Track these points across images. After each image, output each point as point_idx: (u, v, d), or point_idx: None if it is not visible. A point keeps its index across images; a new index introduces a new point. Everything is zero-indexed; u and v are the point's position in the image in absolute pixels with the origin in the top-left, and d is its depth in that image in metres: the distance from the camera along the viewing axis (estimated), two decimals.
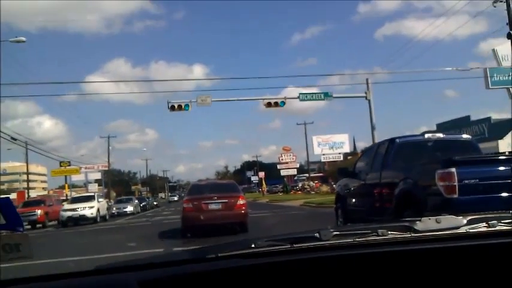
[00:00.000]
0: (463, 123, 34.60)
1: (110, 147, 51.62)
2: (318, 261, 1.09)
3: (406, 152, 7.10)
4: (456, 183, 5.22)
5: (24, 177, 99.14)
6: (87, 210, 21.55)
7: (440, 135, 7.93)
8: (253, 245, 1.16)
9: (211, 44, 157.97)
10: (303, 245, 1.14)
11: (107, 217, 24.54)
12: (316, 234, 1.16)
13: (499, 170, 5.44)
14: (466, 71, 21.14)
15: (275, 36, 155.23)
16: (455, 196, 5.22)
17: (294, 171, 54.17)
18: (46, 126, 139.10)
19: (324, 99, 22.39)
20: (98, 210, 22.39)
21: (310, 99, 22.32)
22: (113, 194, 57.04)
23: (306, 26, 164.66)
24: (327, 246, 1.13)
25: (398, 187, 6.26)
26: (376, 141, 17.31)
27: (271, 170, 70.57)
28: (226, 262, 1.11)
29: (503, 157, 6.08)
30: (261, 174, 70.64)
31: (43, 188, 75.99)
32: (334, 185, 27.32)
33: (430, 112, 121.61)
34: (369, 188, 7.43)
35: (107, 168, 53.76)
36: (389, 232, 1.17)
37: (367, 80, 22.62)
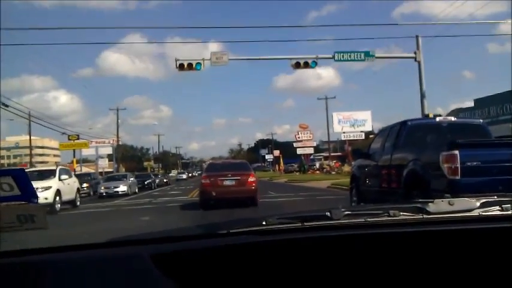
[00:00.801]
0: (504, 99, 28.05)
1: (120, 121, 48.35)
2: (328, 240, 1.09)
3: (417, 135, 7.42)
4: (459, 165, 5.55)
5: (37, 150, 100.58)
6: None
7: (452, 118, 8.28)
8: (264, 222, 1.17)
9: (227, 19, 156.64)
10: (313, 223, 1.14)
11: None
12: (327, 213, 1.17)
13: (502, 153, 5.75)
14: None
15: (296, 10, 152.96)
16: (458, 178, 5.57)
17: (311, 150, 52.07)
18: (62, 101, 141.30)
19: (364, 60, 18.30)
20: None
21: (348, 60, 18.46)
22: (122, 169, 54.79)
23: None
24: (337, 225, 1.13)
25: (407, 168, 6.63)
26: (426, 111, 16.64)
27: (285, 149, 69.41)
28: (237, 238, 1.12)
29: (507, 141, 6.48)
30: (276, 152, 69.74)
31: (56, 162, 76.16)
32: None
33: (472, 85, 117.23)
34: (381, 168, 7.79)
35: (117, 143, 51.63)
36: (401, 213, 1.16)
37: (416, 37, 18.57)
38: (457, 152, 5.60)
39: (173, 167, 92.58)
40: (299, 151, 50.36)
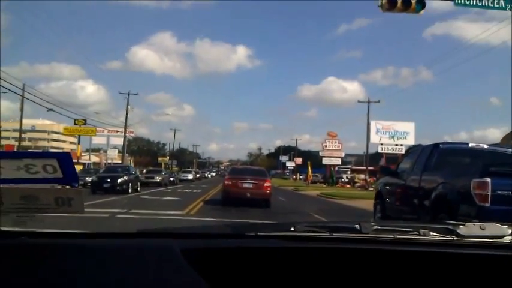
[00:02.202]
0: None
1: (130, 106, 42.24)
2: (355, 253, 1.09)
3: (448, 158, 7.61)
4: (489, 193, 5.72)
5: (53, 136, 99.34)
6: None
7: (484, 146, 8.34)
8: (292, 228, 1.18)
9: (256, 25, 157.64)
10: (342, 234, 1.15)
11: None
12: (357, 226, 1.16)
13: None
14: None
15: (322, 24, 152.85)
16: (487, 205, 5.72)
17: (338, 161, 48.22)
18: (89, 90, 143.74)
19: (504, 8, 11.28)
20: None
21: (476, 6, 11.60)
22: (128, 161, 49.71)
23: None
24: (366, 239, 1.13)
25: (436, 190, 6.81)
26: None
27: (307, 158, 67.60)
28: (265, 241, 1.13)
29: None
30: (299, 160, 68.08)
31: (71, 149, 74.46)
32: None
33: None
34: (409, 187, 7.97)
35: (133, 135, 48.69)
36: (431, 233, 1.15)
37: None
38: (489, 179, 5.78)
39: (189, 165, 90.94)
40: (325, 161, 46.77)
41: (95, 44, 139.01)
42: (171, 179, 36.41)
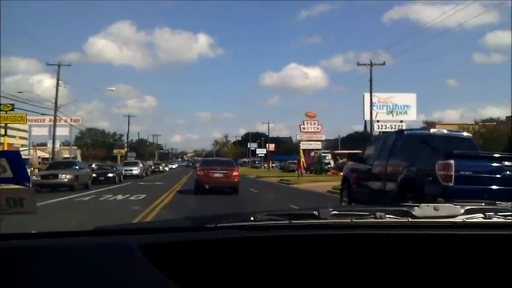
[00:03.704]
0: None
1: (62, 81, 33.38)
2: (314, 239, 1.10)
3: (412, 144, 8.01)
4: (453, 173, 6.19)
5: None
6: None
7: (444, 131, 9.08)
8: (252, 218, 1.18)
9: (219, 13, 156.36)
10: (301, 221, 1.15)
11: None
12: (315, 212, 1.17)
13: (491, 165, 6.38)
14: None
15: (283, 10, 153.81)
16: (451, 184, 6.19)
17: (318, 145, 41.64)
18: (46, 85, 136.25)
19: None
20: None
21: None
22: (76, 153, 43.49)
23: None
24: (324, 224, 1.14)
25: (403, 173, 7.21)
26: None
27: (277, 144, 65.48)
28: (225, 232, 1.13)
29: (496, 155, 7.12)
30: (271, 146, 63.40)
31: (22, 144, 67.80)
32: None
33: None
34: (375, 172, 8.37)
35: (78, 123, 39.97)
36: (387, 215, 1.17)
37: None
38: (452, 161, 6.24)
39: (150, 157, 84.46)
40: (304, 145, 39.71)
41: (51, 36, 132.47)
42: (110, 175, 26.40)
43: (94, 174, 24.33)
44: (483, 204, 5.04)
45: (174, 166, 77.52)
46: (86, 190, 18.79)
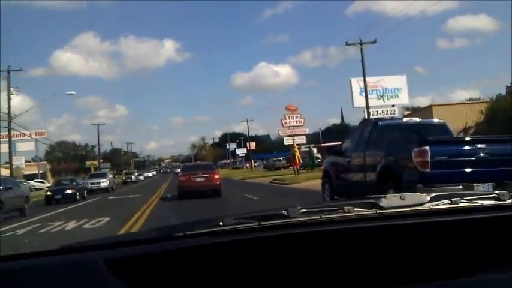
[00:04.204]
0: None
1: (13, 89, 30.05)
2: (284, 238, 1.10)
3: (388, 133, 8.20)
4: (429, 159, 6.34)
5: None
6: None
7: (417, 119, 9.25)
8: (221, 223, 1.16)
9: (183, 18, 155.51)
10: (270, 222, 1.15)
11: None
12: (284, 212, 1.17)
13: (464, 149, 6.56)
14: None
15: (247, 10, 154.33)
16: (428, 170, 6.34)
17: (302, 139, 39.12)
18: (13, 102, 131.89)
19: None
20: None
21: None
22: (45, 169, 42.04)
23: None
24: (294, 223, 1.14)
25: (381, 163, 7.35)
26: None
27: (257, 143, 64.88)
28: (193, 240, 1.10)
29: (468, 138, 7.45)
30: (252, 145, 61.92)
31: None
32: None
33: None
34: (354, 164, 8.50)
35: (44, 136, 37.21)
36: (355, 209, 1.18)
37: None
38: (427, 147, 6.39)
39: (126, 166, 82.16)
40: (287, 141, 37.61)
41: (16, 52, 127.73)
42: (69, 191, 21.11)
43: (49, 193, 20.99)
44: (461, 187, 5.11)
45: (150, 174, 70.27)
46: (24, 218, 13.36)
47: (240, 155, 73.35)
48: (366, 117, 27.89)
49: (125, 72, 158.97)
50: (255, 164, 62.38)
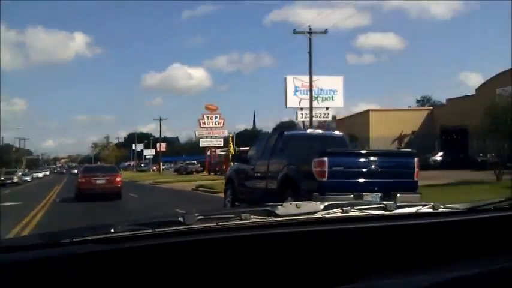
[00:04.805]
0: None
1: None
2: (180, 246, 1.08)
3: (292, 143, 8.61)
4: (326, 169, 6.72)
5: None
6: None
7: (319, 131, 10.12)
8: (112, 230, 1.12)
9: (96, 11, 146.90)
10: (165, 229, 1.12)
11: None
12: (180, 219, 1.15)
13: (359, 161, 7.06)
14: None
15: (166, 10, 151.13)
16: (325, 179, 6.73)
17: (220, 142, 36.18)
18: None
19: None
20: None
21: None
22: None
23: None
24: (189, 230, 1.12)
25: (283, 171, 7.68)
26: None
27: (166, 145, 62.01)
28: (81, 247, 1.04)
29: (364, 151, 8.06)
30: (163, 146, 59.48)
31: None
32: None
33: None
34: (258, 172, 8.78)
35: None
36: (252, 216, 1.18)
37: None
38: (326, 158, 6.78)
39: (17, 164, 72.53)
40: (203, 143, 35.36)
41: None
42: None
43: None
44: (352, 196, 5.55)
45: (41, 175, 62.17)
46: None
47: (147, 157, 70.13)
48: (305, 119, 26.48)
49: (29, 64, 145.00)
50: (163, 167, 60.51)
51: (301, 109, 27.20)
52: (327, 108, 28.46)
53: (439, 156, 31.13)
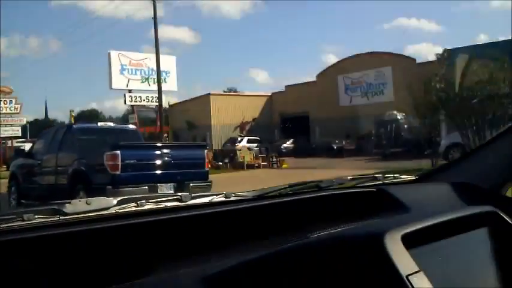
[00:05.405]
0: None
1: None
2: None
3: (82, 137, 8.35)
4: (119, 163, 6.79)
5: None
6: None
7: (111, 124, 9.98)
8: None
9: None
10: None
11: None
12: None
13: (152, 153, 7.35)
14: None
15: None
16: (119, 173, 6.79)
17: (18, 131, 30.84)
18: None
19: None
20: None
21: None
22: None
23: None
24: None
25: (73, 165, 7.46)
26: None
27: None
28: None
29: (159, 144, 8.44)
30: None
31: None
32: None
33: None
34: (46, 167, 8.28)
35: None
36: (36, 216, 1.11)
37: None
38: (118, 152, 6.83)
39: None
40: (2, 132, 29.59)
41: None
42: None
43: None
44: (146, 188, 5.81)
45: None
46: None
47: None
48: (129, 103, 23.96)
49: None
50: None
51: (130, 91, 23.92)
52: (154, 97, 24.29)
53: (289, 144, 30.38)
